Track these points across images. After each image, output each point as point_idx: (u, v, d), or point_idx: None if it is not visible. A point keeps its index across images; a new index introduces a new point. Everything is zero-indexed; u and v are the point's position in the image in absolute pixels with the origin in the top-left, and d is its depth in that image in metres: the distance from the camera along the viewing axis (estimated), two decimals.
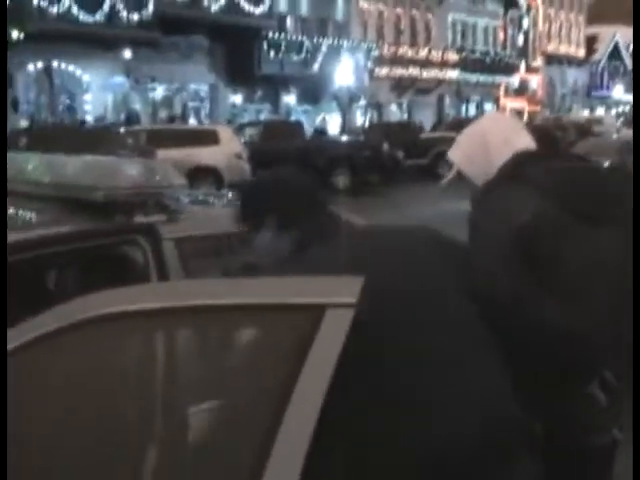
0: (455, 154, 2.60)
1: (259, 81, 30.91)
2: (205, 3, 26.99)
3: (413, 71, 40.02)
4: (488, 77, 46.75)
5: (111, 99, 26.73)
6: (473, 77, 45.26)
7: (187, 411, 2.03)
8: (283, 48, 31.46)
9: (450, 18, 44.86)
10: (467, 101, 46.69)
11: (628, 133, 37.41)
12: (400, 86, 40.10)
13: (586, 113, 52.62)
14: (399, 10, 41.18)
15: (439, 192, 5.09)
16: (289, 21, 33.72)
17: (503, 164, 2.44)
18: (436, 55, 41.91)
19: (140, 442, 1.99)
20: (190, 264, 3.04)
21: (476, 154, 2.52)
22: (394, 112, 40.67)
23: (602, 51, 66.61)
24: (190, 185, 15.23)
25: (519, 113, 50.99)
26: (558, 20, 59.33)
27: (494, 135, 2.52)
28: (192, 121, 28.18)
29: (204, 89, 30.28)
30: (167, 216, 3.16)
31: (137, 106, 27.09)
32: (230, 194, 4.40)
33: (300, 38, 33.04)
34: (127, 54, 24.99)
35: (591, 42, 64.99)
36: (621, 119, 44.70)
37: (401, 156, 22.71)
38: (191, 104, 29.87)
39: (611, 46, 67.64)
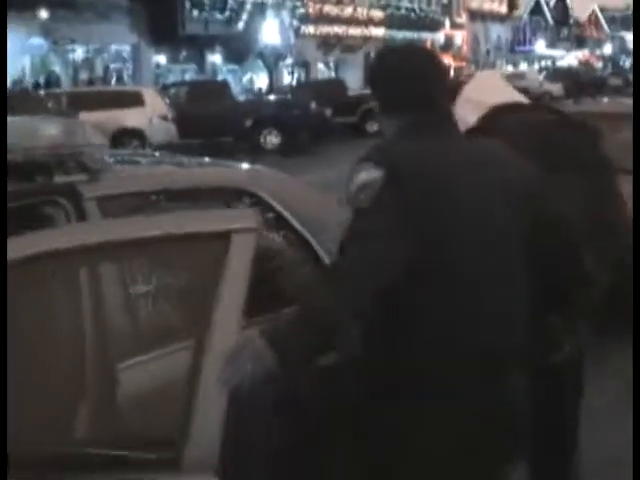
0: (458, 107, 2.75)
1: (183, 41, 30.29)
2: None
3: (339, 29, 39.78)
4: (414, 34, 46.75)
5: (29, 61, 25.86)
6: (399, 34, 45.20)
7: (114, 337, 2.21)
8: (207, 7, 30.87)
9: None
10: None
11: (550, 87, 38.10)
12: (327, 44, 39.84)
13: (510, 68, 53.19)
14: None
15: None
16: None
17: (481, 117, 2.68)
18: (361, 12, 41.69)
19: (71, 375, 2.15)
20: None
21: (459, 107, 2.69)
22: (321, 70, 40.44)
23: (524, 7, 67.30)
24: (114, 147, 14.88)
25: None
26: None
27: (474, 92, 2.83)
28: (115, 82, 27.53)
29: (126, 50, 29.55)
30: (88, 175, 2.99)
31: (57, 68, 26.31)
32: (157, 153, 4.26)
33: None
34: (44, 14, 24.16)
35: None
36: (543, 73, 45.26)
37: (329, 114, 22.54)
38: (113, 65, 29.14)
39: (532, 2, 68.40)
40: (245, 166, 4.13)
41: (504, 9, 63.58)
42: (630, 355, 3.38)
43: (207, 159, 4.30)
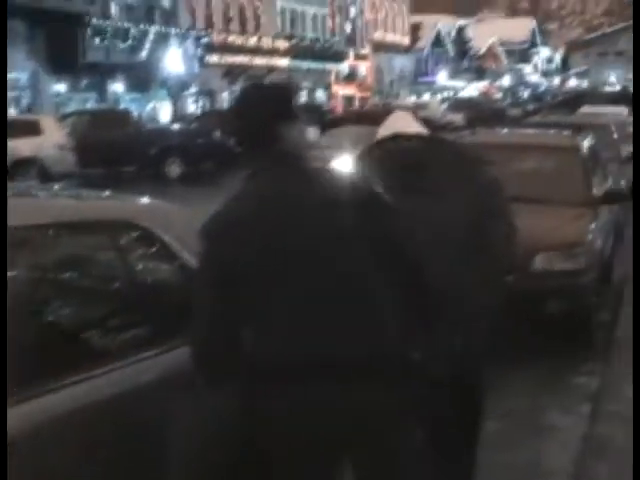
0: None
1: (84, 69, 29.74)
2: None
3: (244, 59, 39.81)
4: (319, 64, 47.21)
5: None
6: (304, 64, 45.56)
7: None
8: (108, 35, 30.43)
9: (279, 5, 44.94)
10: (299, 88, 46.93)
11: (452, 117, 38.89)
12: (231, 73, 39.82)
13: (413, 99, 54.15)
14: None
15: None
16: (113, 7, 32.71)
17: (374, 144, 3.02)
18: (266, 42, 41.85)
19: None
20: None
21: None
22: (226, 100, 40.36)
23: (426, 39, 68.80)
24: (12, 178, 14.38)
25: (350, 99, 51.92)
26: (383, 9, 60.75)
27: (385, 130, 3.03)
28: (12, 111, 26.74)
29: (24, 77, 28.81)
30: None
31: None
32: (57, 186, 4.13)
33: (126, 25, 32.07)
34: None
35: (415, 30, 66.98)
36: (445, 104, 46.24)
37: (234, 143, 22.44)
38: (10, 93, 28.35)
39: (434, 34, 69.98)
40: (139, 199, 4.03)
41: (406, 41, 64.89)
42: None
43: (107, 192, 4.18)
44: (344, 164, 4.18)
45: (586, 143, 8.21)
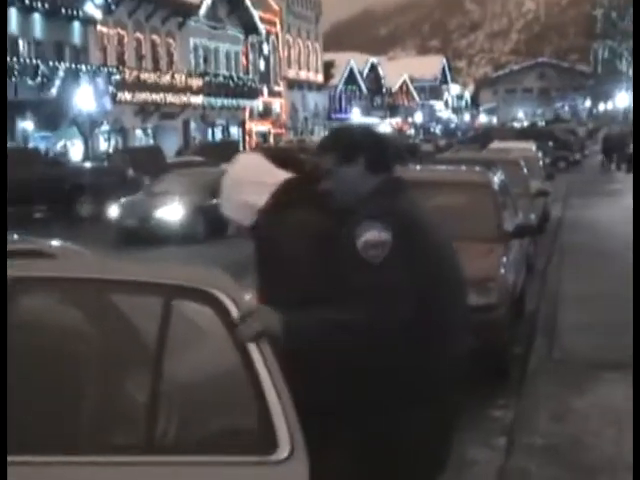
0: (226, 208, 2.93)
1: None
2: None
3: (157, 96, 39.57)
4: (232, 101, 47.26)
5: None
6: (218, 101, 45.54)
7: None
8: (16, 72, 29.86)
9: (192, 43, 44.93)
10: (213, 125, 46.90)
11: None
12: (144, 111, 39.50)
13: None
14: (139, 35, 40.61)
15: None
16: (22, 44, 32.15)
17: (275, 192, 2.80)
18: (179, 80, 41.73)
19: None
20: None
21: (239, 201, 2.87)
22: (139, 137, 39.97)
23: (339, 76, 69.78)
24: None
25: (264, 136, 52.10)
26: (297, 46, 61.40)
27: (248, 179, 2.89)
28: None
29: None
30: None
31: None
32: None
33: (35, 62, 31.53)
34: None
35: (328, 68, 67.88)
36: None
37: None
38: None
39: (347, 71, 71.06)
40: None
41: (320, 78, 65.67)
42: None
43: (15, 235, 4.03)
44: None
45: (496, 179, 8.35)
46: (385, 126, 73.05)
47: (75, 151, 33.95)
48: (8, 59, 29.55)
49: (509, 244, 7.24)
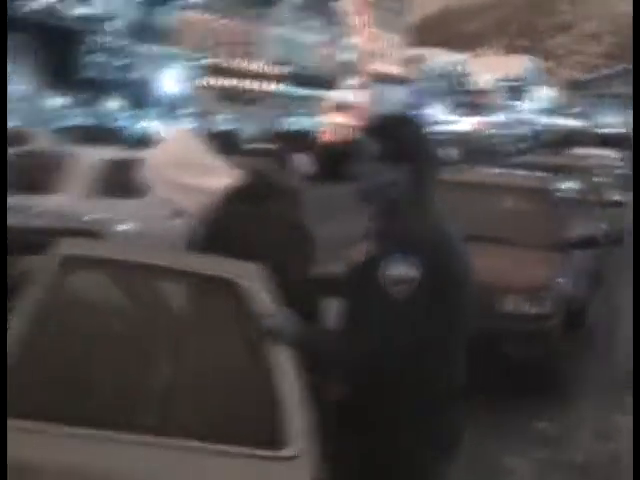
0: (161, 190, 2.80)
1: (79, 84, 29.85)
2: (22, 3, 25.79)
3: (239, 82, 40.01)
4: (313, 91, 47.45)
5: None
6: (298, 91, 45.80)
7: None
8: (105, 52, 30.59)
9: (274, 32, 45.25)
10: (292, 114, 47.18)
11: (447, 151, 39.06)
12: (226, 96, 39.99)
13: None
14: (225, 21, 41.10)
15: None
16: (113, 25, 32.89)
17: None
18: (262, 67, 42.09)
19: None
20: None
21: (179, 183, 2.74)
22: (220, 122, 40.52)
23: (422, 72, 69.38)
24: None
25: (345, 128, 52.18)
26: (380, 40, 61.22)
27: (184, 160, 2.77)
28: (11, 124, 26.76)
29: (20, 91, 28.88)
30: None
31: None
32: None
33: (123, 43, 32.24)
34: None
35: (412, 63, 67.53)
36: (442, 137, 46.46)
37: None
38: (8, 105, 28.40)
39: (431, 67, 70.60)
40: None
41: (403, 72, 65.39)
42: None
43: None
44: None
45: (563, 186, 8.24)
46: (465, 124, 72.43)
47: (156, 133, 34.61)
48: (98, 39, 30.30)
49: (570, 254, 7.12)
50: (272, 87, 42.79)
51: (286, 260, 2.70)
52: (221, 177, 2.76)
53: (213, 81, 38.17)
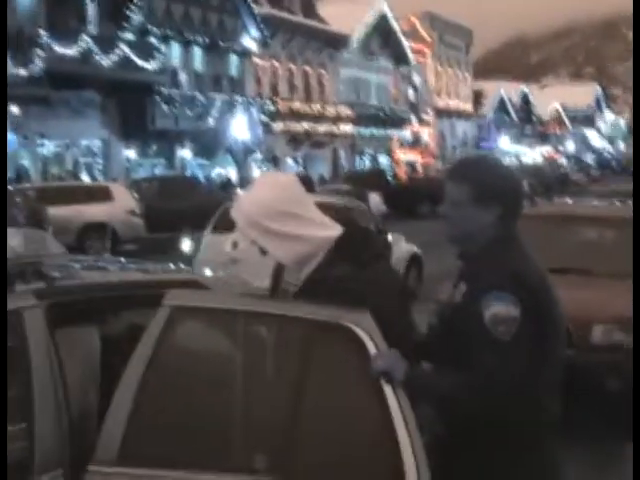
0: (252, 232, 2.61)
1: (153, 136, 30.71)
2: (97, 59, 26.74)
3: (307, 125, 40.57)
4: (381, 130, 47.79)
5: None
6: (367, 131, 46.18)
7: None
8: (177, 103, 31.42)
9: (343, 73, 45.82)
10: (362, 154, 47.56)
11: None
12: (295, 140, 40.55)
13: None
14: (292, 66, 41.82)
15: None
16: (182, 76, 33.78)
17: (339, 242, 2.64)
18: (330, 110, 42.62)
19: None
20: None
21: (274, 229, 2.58)
22: (290, 165, 41.07)
23: (488, 105, 69.19)
24: (83, 242, 14.69)
25: (413, 165, 52.31)
26: (446, 76, 61.42)
27: (291, 206, 2.61)
28: (85, 177, 27.68)
29: (97, 144, 29.88)
30: (46, 283, 3.03)
31: (26, 162, 26.48)
32: (123, 259, 4.32)
33: (194, 93, 33.10)
34: (15, 110, 24.42)
35: (478, 96, 67.46)
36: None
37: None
38: (83, 160, 29.38)
39: (497, 100, 70.35)
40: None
41: (469, 107, 65.34)
42: None
43: (171, 265, 4.34)
44: None
45: None
46: (535, 154, 71.75)
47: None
48: (170, 90, 31.17)
49: None
50: (341, 128, 43.23)
51: (385, 305, 2.61)
52: (322, 228, 2.66)
53: (282, 125, 38.78)
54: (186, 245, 15.47)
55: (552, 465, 2.58)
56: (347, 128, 43.76)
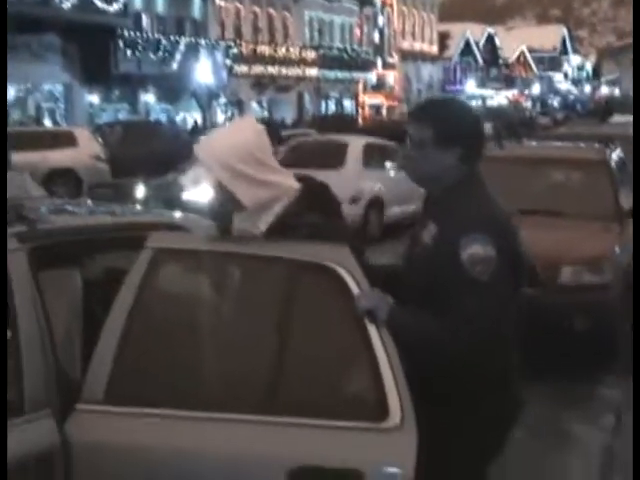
0: (223, 174, 2.55)
1: (116, 80, 30.20)
2: (57, 1, 26.10)
3: (272, 69, 40.12)
4: (346, 74, 47.41)
5: None
6: (331, 74, 45.79)
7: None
8: (140, 47, 30.88)
9: (307, 16, 45.24)
10: (326, 98, 47.22)
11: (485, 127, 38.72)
12: (260, 84, 40.13)
13: None
14: (256, 9, 41.19)
15: None
16: (145, 19, 33.16)
17: (303, 192, 2.63)
18: (294, 53, 42.14)
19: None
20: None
21: (247, 173, 2.55)
22: (255, 109, 40.71)
23: (454, 48, 68.81)
24: (48, 188, 14.60)
25: (377, 108, 52.08)
26: (412, 18, 60.85)
27: (263, 152, 2.60)
28: (47, 122, 27.23)
29: (59, 89, 29.33)
30: (26, 226, 2.99)
31: None
32: (89, 201, 4.27)
33: (157, 36, 32.52)
34: None
35: (443, 39, 67.02)
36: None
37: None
38: (45, 105, 28.87)
39: (462, 43, 69.96)
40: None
41: (435, 49, 64.95)
42: None
43: (138, 207, 4.31)
44: None
45: (614, 155, 8.29)
46: (501, 98, 71.75)
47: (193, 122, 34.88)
48: (133, 33, 30.58)
49: (626, 223, 7.21)
50: (306, 71, 42.82)
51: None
52: (286, 176, 2.66)
53: (246, 69, 38.31)
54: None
55: (515, 403, 2.63)
56: (312, 71, 43.35)
